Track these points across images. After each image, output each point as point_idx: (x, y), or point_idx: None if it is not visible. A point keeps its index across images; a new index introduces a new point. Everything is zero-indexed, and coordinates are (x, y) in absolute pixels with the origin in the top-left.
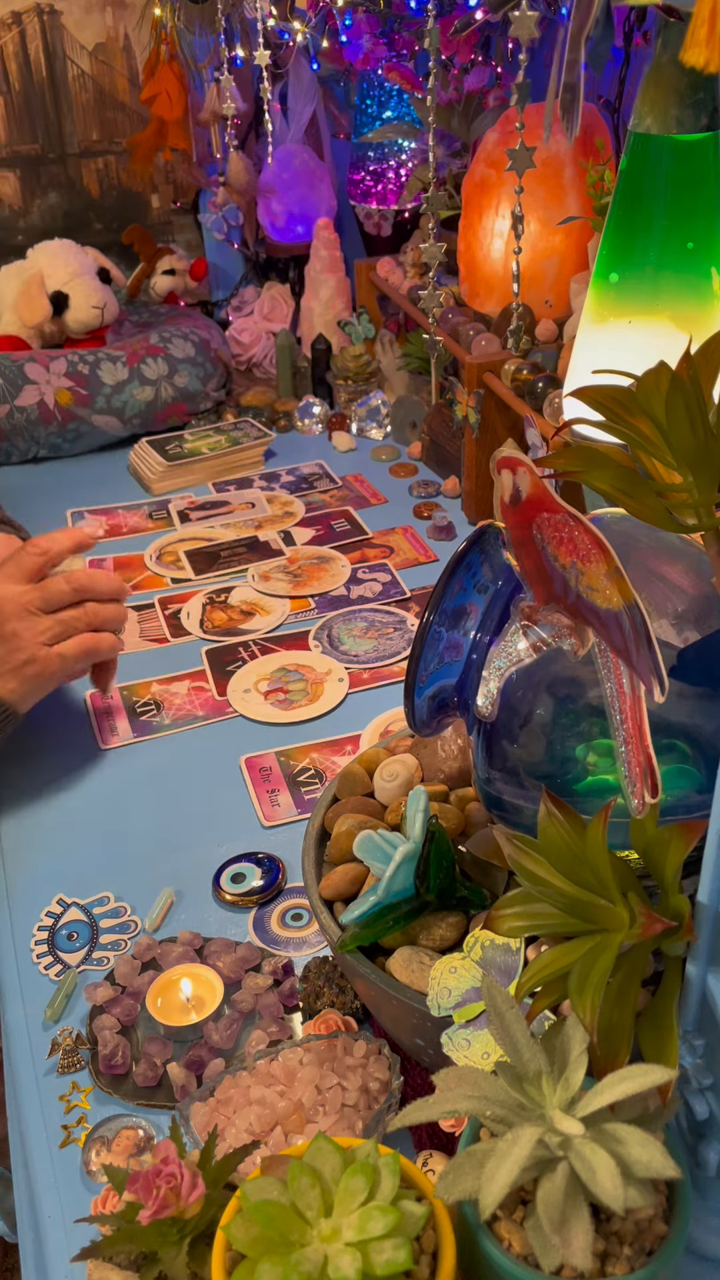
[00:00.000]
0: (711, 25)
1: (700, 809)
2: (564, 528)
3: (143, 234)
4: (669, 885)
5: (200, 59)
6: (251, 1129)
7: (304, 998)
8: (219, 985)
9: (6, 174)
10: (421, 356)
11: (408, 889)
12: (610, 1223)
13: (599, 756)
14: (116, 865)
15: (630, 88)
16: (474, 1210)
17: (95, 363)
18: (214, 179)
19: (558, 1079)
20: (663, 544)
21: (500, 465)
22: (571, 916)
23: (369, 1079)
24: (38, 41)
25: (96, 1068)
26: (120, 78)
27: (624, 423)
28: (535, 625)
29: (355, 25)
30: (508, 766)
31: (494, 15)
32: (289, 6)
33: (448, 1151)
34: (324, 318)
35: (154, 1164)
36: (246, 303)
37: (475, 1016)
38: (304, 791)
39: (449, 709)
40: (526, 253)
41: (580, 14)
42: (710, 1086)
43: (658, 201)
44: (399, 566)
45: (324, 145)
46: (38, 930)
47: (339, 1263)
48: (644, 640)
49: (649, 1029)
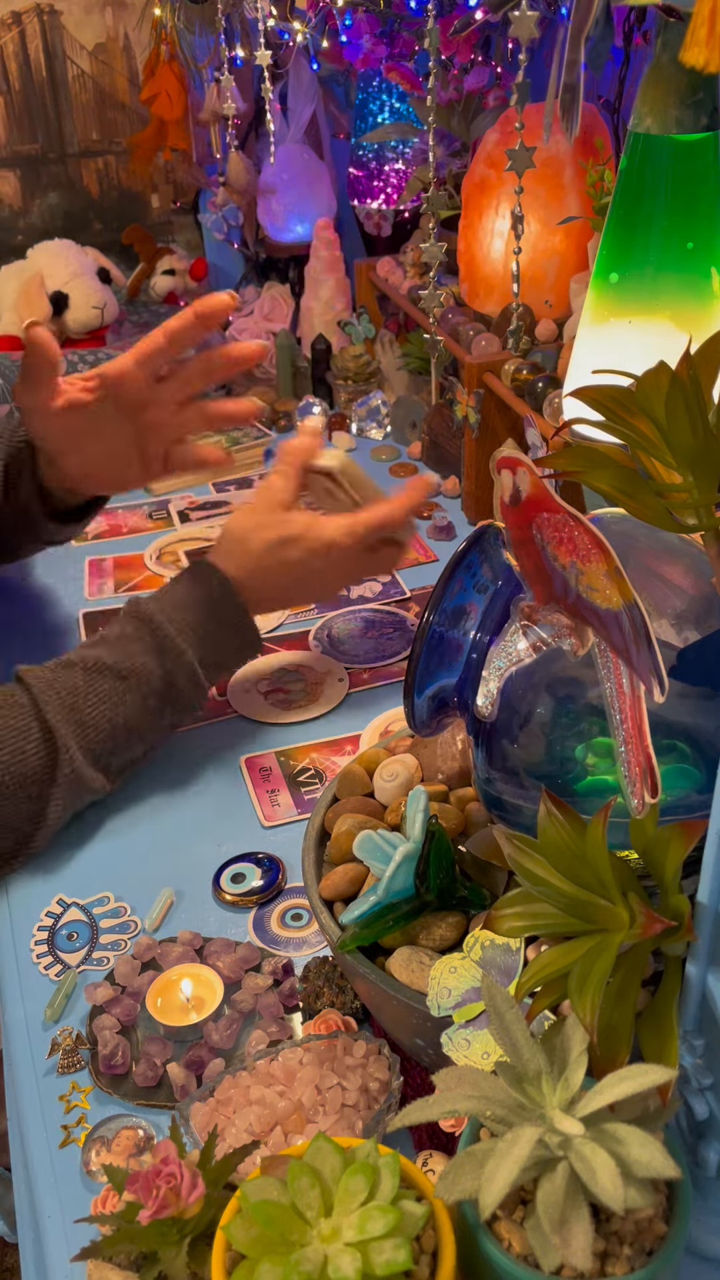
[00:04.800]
0: (711, 25)
1: (700, 809)
2: (564, 528)
3: (143, 234)
4: (669, 885)
5: (200, 59)
6: (251, 1129)
7: (304, 998)
8: (219, 985)
9: (6, 174)
10: (421, 356)
11: (408, 889)
12: (610, 1223)
13: (599, 756)
14: (116, 865)
15: (630, 88)
16: (474, 1210)
17: (95, 363)
18: (214, 179)
19: (558, 1079)
20: (663, 544)
21: (500, 465)
22: (571, 916)
23: (369, 1079)
24: (38, 41)
25: (96, 1068)
26: (120, 78)
27: (624, 423)
28: (535, 625)
29: (355, 25)
30: (508, 766)
31: (494, 15)
32: (289, 6)
33: (448, 1151)
34: (324, 318)
35: (154, 1164)
36: (246, 303)
37: (475, 1016)
38: (304, 791)
39: (449, 709)
40: (526, 253)
41: (580, 14)
42: (710, 1086)
43: (658, 201)
44: (399, 566)
45: (324, 145)
46: (38, 930)
47: (339, 1263)
48: (644, 640)
49: (649, 1029)
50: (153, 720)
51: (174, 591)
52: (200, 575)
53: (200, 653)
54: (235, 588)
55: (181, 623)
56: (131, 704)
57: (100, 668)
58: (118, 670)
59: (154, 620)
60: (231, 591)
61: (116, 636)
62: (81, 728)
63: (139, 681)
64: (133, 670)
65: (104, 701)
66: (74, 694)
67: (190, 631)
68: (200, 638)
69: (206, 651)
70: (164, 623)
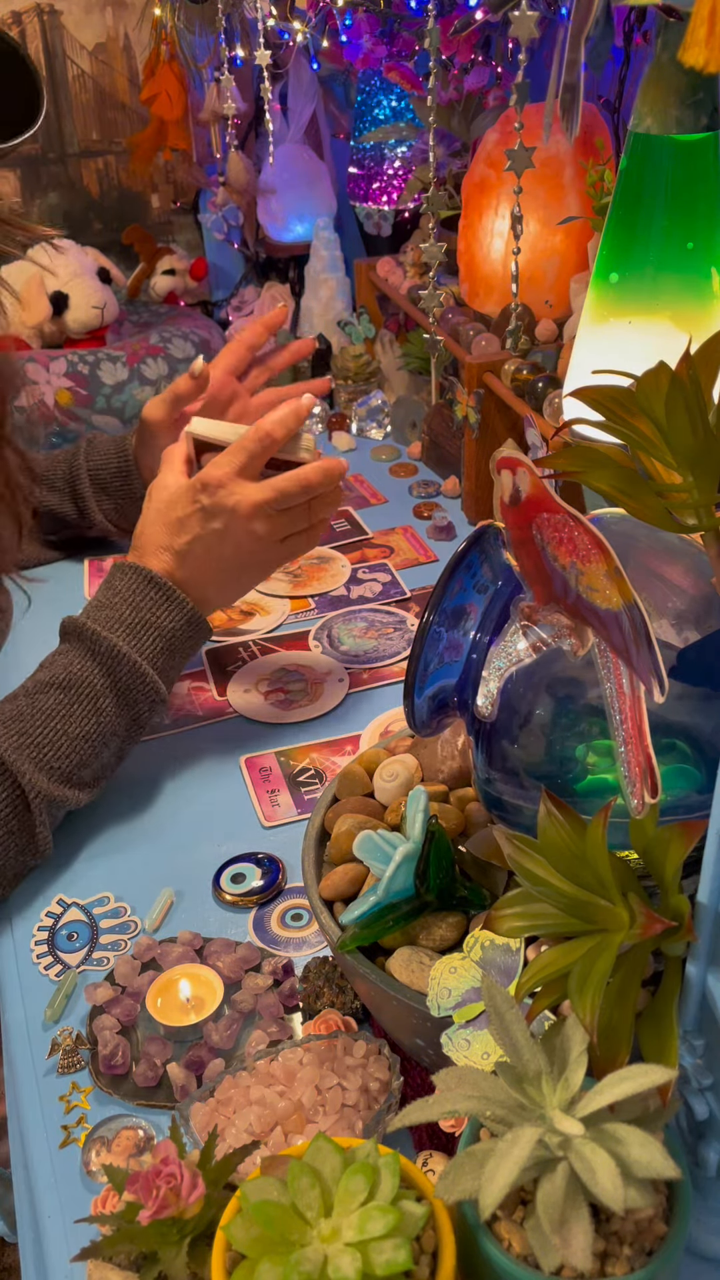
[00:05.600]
0: (711, 25)
1: (700, 809)
2: (564, 528)
3: (143, 234)
4: (669, 885)
5: (200, 59)
6: (251, 1129)
7: (304, 998)
8: (219, 985)
9: (6, 174)
10: (421, 356)
11: (408, 889)
12: (610, 1223)
13: (599, 756)
14: (116, 865)
15: (630, 88)
16: (474, 1210)
17: (95, 363)
18: (214, 179)
19: (558, 1079)
20: (663, 544)
21: (500, 465)
22: (571, 916)
23: (369, 1079)
24: (38, 41)
25: (96, 1068)
26: (120, 78)
27: (624, 423)
28: (535, 625)
29: (355, 25)
30: (508, 766)
31: (494, 15)
32: (289, 6)
33: (448, 1151)
34: (324, 318)
35: (154, 1164)
36: (246, 303)
37: (475, 1016)
38: (304, 791)
39: (449, 709)
40: (526, 253)
41: (580, 14)
42: (710, 1086)
43: (658, 201)
44: (399, 566)
45: (324, 145)
46: (38, 930)
47: (339, 1263)
48: (644, 640)
49: (649, 1029)
50: (111, 722)
51: (95, 598)
52: (113, 575)
53: (133, 643)
54: (149, 572)
55: (105, 619)
56: (82, 713)
57: (40, 687)
58: (57, 683)
59: (78, 626)
60: (147, 575)
61: (52, 656)
62: (37, 749)
63: (82, 687)
64: (71, 679)
65: (53, 717)
66: (20, 719)
67: (116, 625)
68: (128, 627)
69: (140, 641)
70: (87, 624)
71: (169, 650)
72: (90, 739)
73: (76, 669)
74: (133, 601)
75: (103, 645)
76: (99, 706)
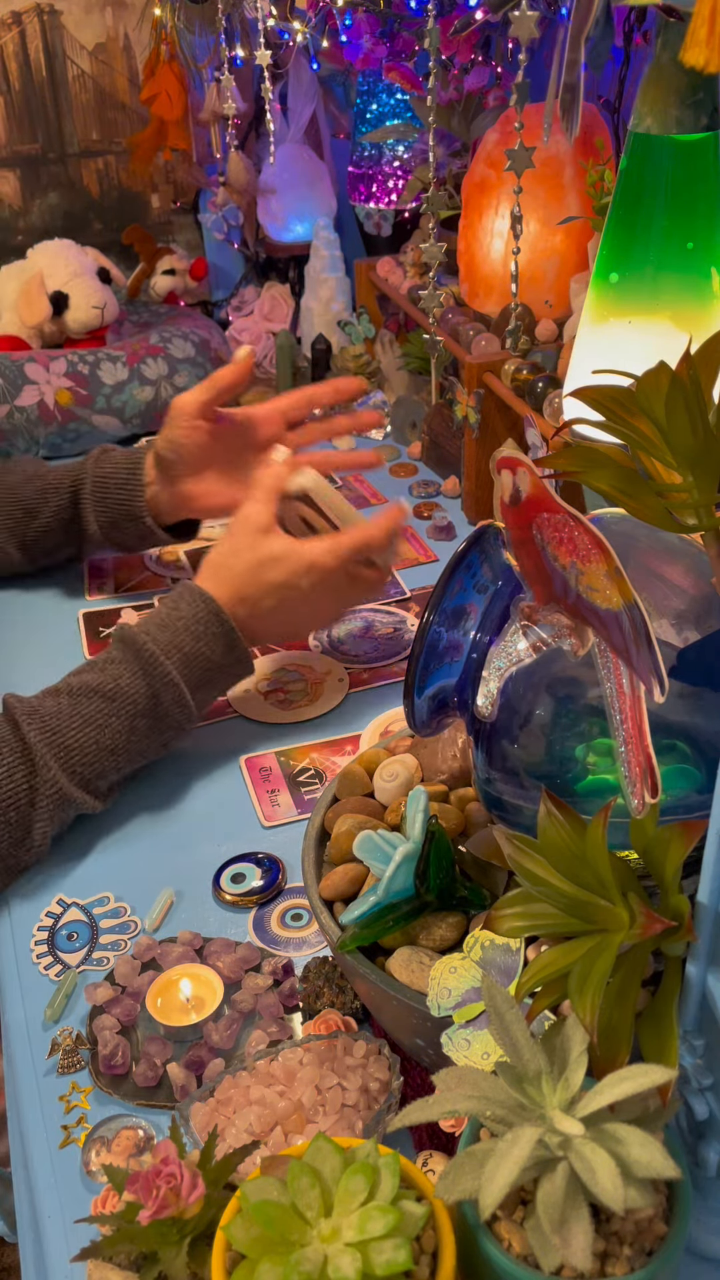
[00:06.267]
0: (711, 25)
1: (700, 809)
2: (564, 528)
3: (143, 234)
4: (669, 885)
5: (200, 59)
6: (251, 1129)
7: (304, 998)
8: (219, 985)
9: (6, 174)
10: (421, 356)
11: (408, 889)
12: (610, 1223)
13: (599, 756)
14: (116, 865)
15: (630, 88)
16: (474, 1210)
17: (95, 363)
18: (214, 179)
19: (558, 1079)
20: (663, 544)
21: (500, 465)
22: (571, 916)
23: (369, 1079)
24: (38, 41)
25: (96, 1068)
26: (120, 78)
27: (624, 423)
28: (535, 625)
29: (355, 25)
30: (508, 766)
31: (494, 15)
32: (289, 6)
33: (448, 1151)
34: (324, 318)
35: (154, 1164)
36: (246, 303)
37: (475, 1016)
38: (304, 791)
39: (449, 709)
40: (526, 253)
41: (580, 14)
42: (710, 1086)
43: (658, 201)
44: (399, 566)
45: (324, 145)
46: (38, 930)
47: (339, 1263)
48: (644, 640)
49: (649, 1029)
50: (141, 742)
51: (158, 613)
52: (183, 596)
53: (185, 672)
54: (218, 607)
55: (165, 643)
56: (118, 726)
57: (85, 691)
58: (103, 692)
59: (137, 641)
60: (215, 610)
61: (104, 660)
62: (66, 751)
63: (126, 702)
64: (118, 691)
65: (89, 724)
66: (58, 718)
67: (175, 651)
68: (184, 656)
69: (191, 671)
70: (147, 643)
71: (208, 682)
72: (117, 753)
73: (125, 683)
74: (194, 631)
75: (158, 671)
76: (135, 725)
